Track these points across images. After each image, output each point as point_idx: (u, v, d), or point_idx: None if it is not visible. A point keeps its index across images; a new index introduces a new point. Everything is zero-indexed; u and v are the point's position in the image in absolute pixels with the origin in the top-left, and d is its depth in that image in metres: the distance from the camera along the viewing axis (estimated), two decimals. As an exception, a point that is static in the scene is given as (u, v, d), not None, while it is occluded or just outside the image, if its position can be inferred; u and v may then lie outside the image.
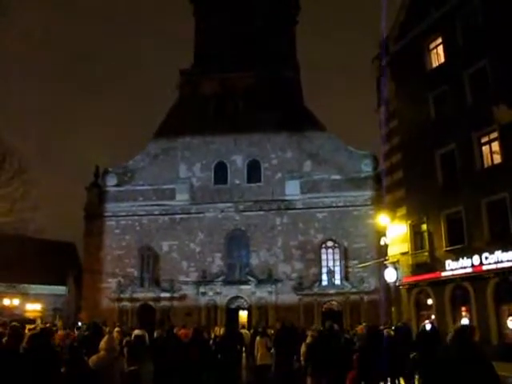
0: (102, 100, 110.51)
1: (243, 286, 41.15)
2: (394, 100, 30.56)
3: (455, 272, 24.75)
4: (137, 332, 11.13)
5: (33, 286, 42.81)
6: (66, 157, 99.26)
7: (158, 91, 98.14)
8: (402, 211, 28.67)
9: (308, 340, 12.64)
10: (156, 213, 43.34)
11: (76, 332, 17.94)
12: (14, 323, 10.23)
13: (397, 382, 14.87)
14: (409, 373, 15.00)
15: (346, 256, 40.50)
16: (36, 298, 42.16)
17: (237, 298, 41.45)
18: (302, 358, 13.50)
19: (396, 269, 28.47)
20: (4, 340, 7.80)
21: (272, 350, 16.10)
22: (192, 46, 47.45)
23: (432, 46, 28.30)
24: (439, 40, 27.77)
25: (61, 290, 51.01)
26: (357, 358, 10.93)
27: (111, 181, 44.81)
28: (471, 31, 25.57)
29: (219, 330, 22.46)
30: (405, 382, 15.15)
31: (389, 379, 14.89)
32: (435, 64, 28.02)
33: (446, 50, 27.26)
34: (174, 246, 42.58)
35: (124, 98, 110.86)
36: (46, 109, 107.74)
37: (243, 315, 41.05)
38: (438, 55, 27.96)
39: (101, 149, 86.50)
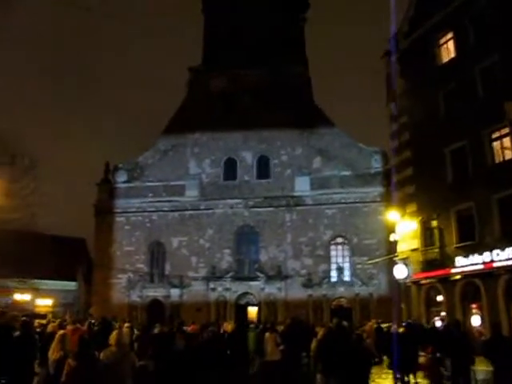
0: (111, 96, 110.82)
1: (252, 282, 41.17)
2: (404, 96, 30.41)
3: (465, 269, 24.59)
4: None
5: (43, 282, 43.04)
6: (77, 153, 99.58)
7: (168, 88, 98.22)
8: (412, 207, 28.54)
9: (319, 336, 12.58)
10: (166, 209, 43.44)
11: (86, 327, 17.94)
12: (24, 318, 10.36)
13: (406, 378, 14.86)
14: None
15: (355, 252, 40.42)
16: (47, 293, 42.40)
17: (246, 294, 41.47)
18: (311, 355, 13.46)
19: (406, 265, 28.32)
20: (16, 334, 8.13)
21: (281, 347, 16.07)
22: (201, 43, 47.56)
23: (442, 41, 28.11)
24: (450, 35, 27.57)
25: (71, 285, 51.30)
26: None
27: (121, 177, 44.96)
28: (482, 26, 25.35)
29: (228, 326, 22.45)
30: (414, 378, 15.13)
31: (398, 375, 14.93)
32: (445, 59, 27.82)
33: (456, 45, 27.05)
34: (183, 241, 42.66)
35: (133, 94, 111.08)
36: (55, 106, 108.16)
37: (252, 311, 41.07)
38: (448, 50, 27.75)
39: (111, 145, 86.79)
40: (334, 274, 40.79)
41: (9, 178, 27.96)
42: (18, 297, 37.42)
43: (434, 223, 27.24)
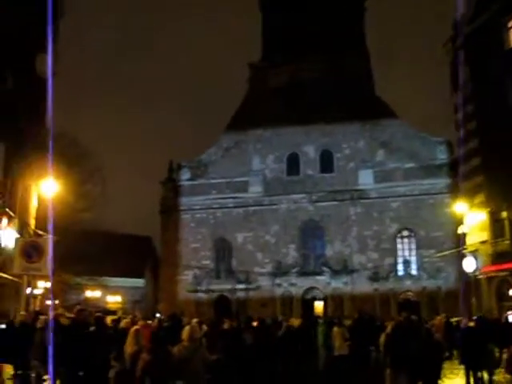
0: (173, 95, 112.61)
1: (318, 277, 41.12)
2: (470, 83, 29.51)
3: (539, 261, 23.73)
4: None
5: (113, 279, 44.32)
6: (141, 154, 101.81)
7: (229, 85, 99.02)
8: (480, 198, 27.68)
9: (387, 330, 12.43)
10: (230, 205, 43.88)
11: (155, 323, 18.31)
12: (97, 314, 10.77)
13: (480, 374, 14.46)
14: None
15: (422, 245, 39.70)
16: (116, 290, 43.57)
17: (312, 288, 41.46)
18: (381, 349, 13.31)
19: (475, 258, 27.54)
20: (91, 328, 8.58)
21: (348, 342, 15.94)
22: (260, 40, 47.74)
23: (510, 24, 27.08)
24: (518, 18, 26.53)
25: (139, 282, 52.52)
26: None
27: (185, 175, 45.71)
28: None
29: (295, 322, 22.47)
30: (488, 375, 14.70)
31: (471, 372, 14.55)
32: (514, 43, 26.79)
33: (526, 29, 26.04)
34: (248, 237, 43.00)
35: (194, 93, 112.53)
36: (118, 106, 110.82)
37: (319, 306, 41.00)
38: (517, 34, 26.73)
39: (174, 144, 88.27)
40: (400, 268, 40.26)
41: (78, 180, 28.85)
42: (89, 294, 38.62)
43: (504, 214, 26.34)
